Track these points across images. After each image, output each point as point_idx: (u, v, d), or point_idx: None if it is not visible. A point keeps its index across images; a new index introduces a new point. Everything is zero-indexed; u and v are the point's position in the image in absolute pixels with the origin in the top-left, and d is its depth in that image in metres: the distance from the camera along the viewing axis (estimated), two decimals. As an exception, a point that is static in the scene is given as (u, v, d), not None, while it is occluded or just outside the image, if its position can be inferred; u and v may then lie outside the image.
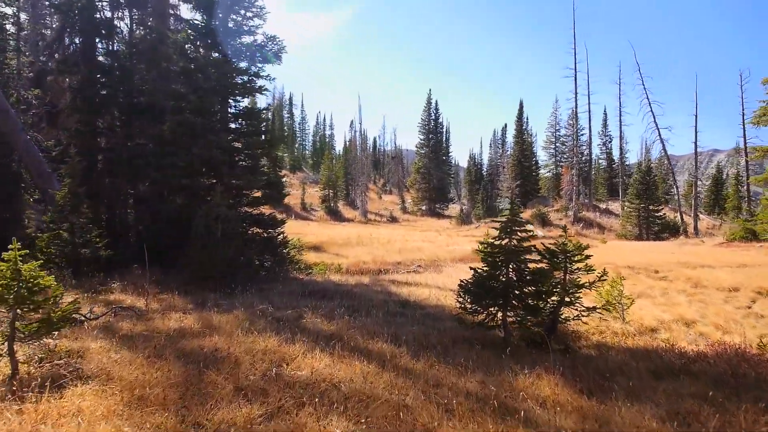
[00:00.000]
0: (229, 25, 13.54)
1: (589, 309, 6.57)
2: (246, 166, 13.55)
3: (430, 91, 62.82)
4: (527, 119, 61.30)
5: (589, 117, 46.10)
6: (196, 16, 13.87)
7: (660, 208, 38.20)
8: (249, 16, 13.42)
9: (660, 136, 40.09)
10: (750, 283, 12.59)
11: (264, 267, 13.34)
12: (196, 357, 5.26)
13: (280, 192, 47.55)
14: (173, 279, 11.30)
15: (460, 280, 6.67)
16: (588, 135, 50.99)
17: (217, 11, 13.21)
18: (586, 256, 6.55)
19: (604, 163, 60.96)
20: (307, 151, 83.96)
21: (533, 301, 6.26)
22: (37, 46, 19.81)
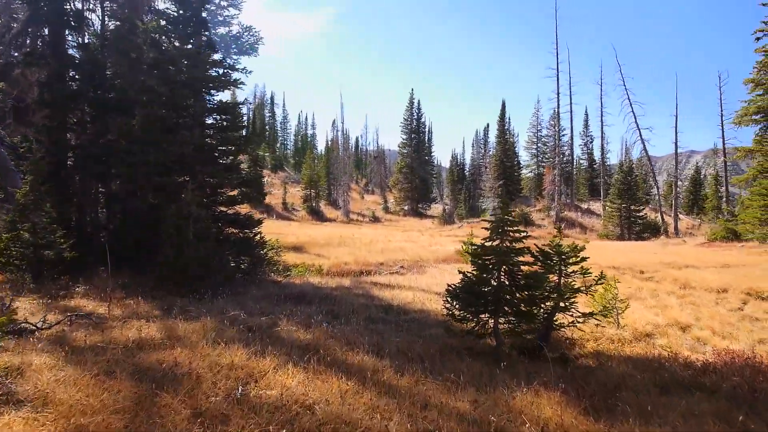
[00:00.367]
0: (202, 15, 12.86)
1: (586, 315, 6.12)
2: (221, 163, 12.88)
3: (412, 90, 62.21)
4: (509, 119, 61.44)
5: (571, 117, 46.28)
6: (171, 7, 13.16)
7: (641, 208, 38.42)
8: (224, 5, 12.79)
9: (641, 136, 40.36)
10: (738, 284, 12.38)
11: (240, 269, 12.70)
12: (153, 374, 4.65)
13: (260, 191, 46.66)
14: (142, 283, 10.64)
15: (448, 285, 6.15)
16: (570, 135, 51.20)
17: (190, 0, 12.50)
18: (582, 258, 6.10)
19: (585, 163, 61.37)
20: (288, 151, 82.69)
21: (526, 307, 5.77)
22: (3, 37, 18.83)
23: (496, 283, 5.77)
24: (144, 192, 12.87)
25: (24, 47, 16.00)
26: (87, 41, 14.65)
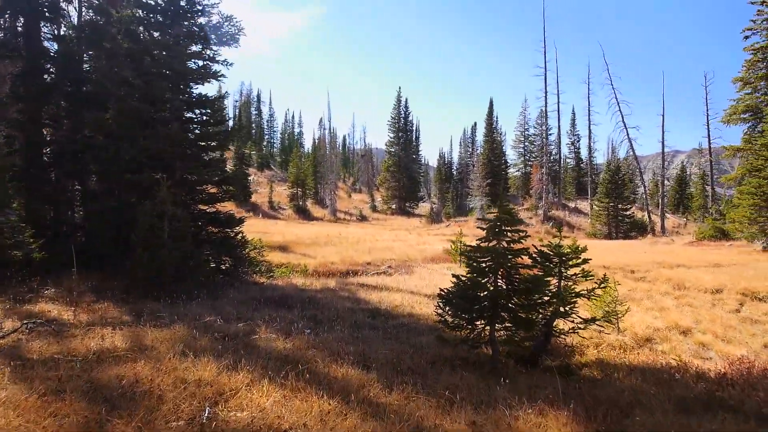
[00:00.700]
0: (181, 3, 12.22)
1: (587, 321, 5.68)
2: (200, 159, 12.28)
3: (399, 88, 61.85)
4: (497, 118, 61.13)
5: (558, 116, 46.28)
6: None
7: (628, 207, 38.46)
8: (203, -7, 12.14)
9: (628, 135, 40.33)
10: (733, 284, 12.12)
11: (220, 270, 12.13)
12: (109, 392, 4.11)
13: (246, 189, 45.90)
14: (115, 285, 10.06)
15: (440, 289, 5.67)
16: (557, 134, 51.21)
17: (168, -12, 11.87)
18: (584, 260, 5.67)
19: (572, 162, 61.50)
20: (275, 149, 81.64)
21: (525, 313, 5.32)
22: (-27, 28, 17.99)
23: (492, 288, 5.30)
24: (120, 189, 12.26)
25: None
26: (63, 33, 14.01)
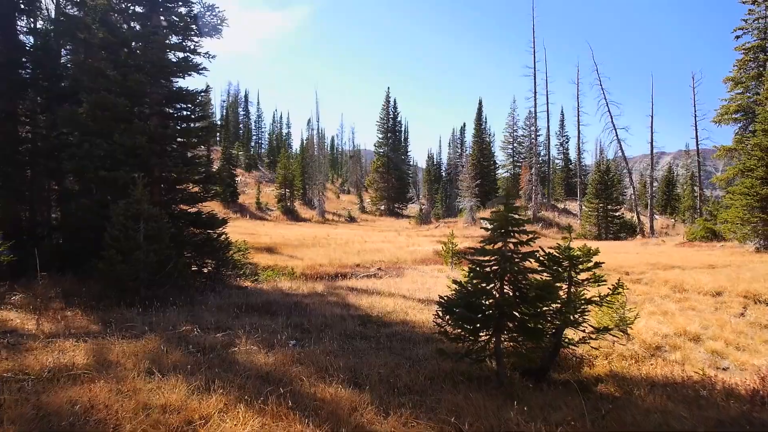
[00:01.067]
0: (159, -9, 11.57)
1: (600, 330, 5.19)
2: (179, 156, 11.63)
3: (388, 89, 61.50)
4: (486, 119, 61.03)
5: (548, 116, 46.24)
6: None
7: (618, 208, 38.37)
8: (184, -18, 11.51)
9: (617, 136, 40.19)
10: (732, 286, 11.76)
11: (201, 274, 11.49)
12: (57, 422, 3.50)
13: (233, 190, 45.08)
14: (87, 291, 9.38)
15: (439, 297, 5.13)
16: (546, 134, 51.09)
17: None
18: (596, 264, 5.18)
19: (561, 163, 61.53)
20: (263, 150, 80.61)
21: (533, 323, 4.80)
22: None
23: (498, 295, 4.78)
24: (95, 187, 11.58)
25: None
26: (39, 27, 13.33)
